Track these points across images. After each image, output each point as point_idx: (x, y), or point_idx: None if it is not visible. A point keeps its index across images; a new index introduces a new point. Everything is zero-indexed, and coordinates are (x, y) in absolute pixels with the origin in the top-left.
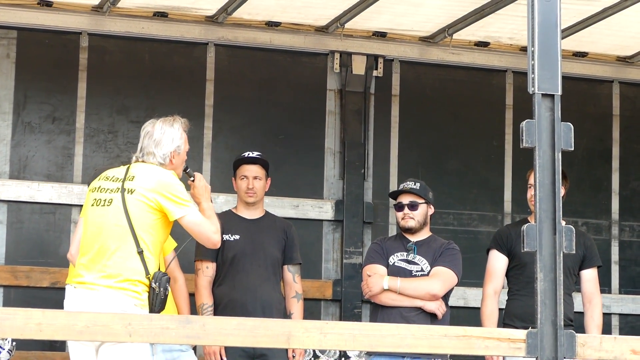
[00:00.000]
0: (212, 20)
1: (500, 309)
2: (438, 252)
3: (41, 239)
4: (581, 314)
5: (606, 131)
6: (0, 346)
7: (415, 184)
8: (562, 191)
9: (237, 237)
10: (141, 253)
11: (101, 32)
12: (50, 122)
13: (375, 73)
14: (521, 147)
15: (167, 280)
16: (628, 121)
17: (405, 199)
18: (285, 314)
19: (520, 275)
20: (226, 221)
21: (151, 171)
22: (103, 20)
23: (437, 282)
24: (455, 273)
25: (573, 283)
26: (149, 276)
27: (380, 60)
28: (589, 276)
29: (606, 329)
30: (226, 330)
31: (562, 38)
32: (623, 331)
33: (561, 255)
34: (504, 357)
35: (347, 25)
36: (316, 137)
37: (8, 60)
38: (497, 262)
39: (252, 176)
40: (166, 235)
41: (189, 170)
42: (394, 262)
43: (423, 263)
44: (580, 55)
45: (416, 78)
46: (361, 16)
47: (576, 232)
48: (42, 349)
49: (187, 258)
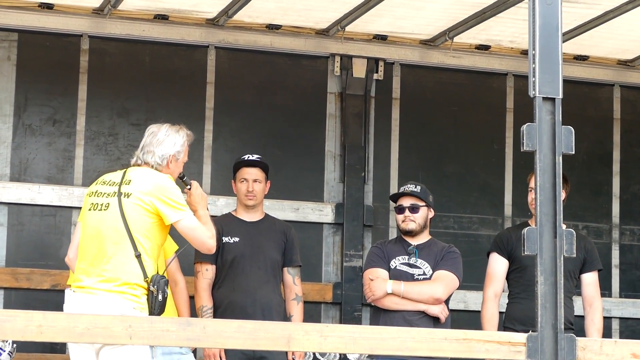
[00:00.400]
0: (213, 23)
1: (500, 313)
2: (439, 256)
3: (42, 242)
4: (582, 318)
5: (607, 135)
6: (0, 348)
7: (416, 187)
8: (563, 195)
9: (237, 240)
10: (139, 257)
11: (102, 35)
12: (50, 125)
13: (375, 76)
14: (522, 151)
15: (166, 283)
16: (629, 125)
17: (406, 202)
18: (285, 317)
19: (520, 278)
20: (226, 224)
21: (148, 175)
22: (104, 22)
23: (440, 286)
24: (457, 277)
25: (573, 286)
26: (147, 279)
27: (380, 63)
28: (590, 280)
29: (606, 333)
30: (226, 332)
31: (563, 41)
32: (623, 335)
33: (562, 258)
34: None
35: (348, 28)
36: (316, 140)
37: (9, 62)
38: (498, 266)
39: (252, 179)
40: (164, 238)
41: (186, 178)
42: (396, 266)
43: (425, 267)
44: (581, 58)
45: (417, 81)
46: (362, 19)
47: (577, 236)
48: (43, 352)
49: (188, 261)
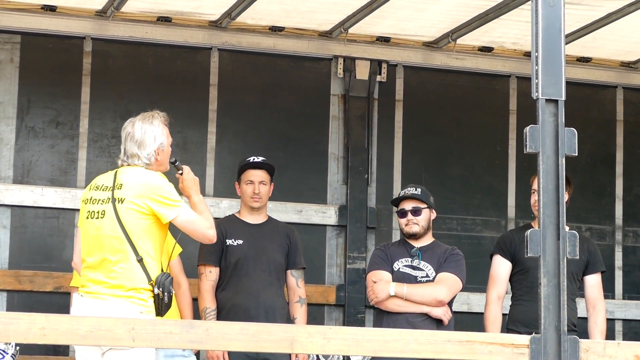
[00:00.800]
0: (216, 25)
1: (503, 314)
2: (442, 258)
3: (45, 244)
4: (585, 320)
5: (610, 137)
6: (4, 351)
7: (416, 190)
8: (566, 196)
9: (241, 242)
10: (141, 261)
11: (105, 37)
12: (53, 127)
13: (378, 78)
14: (525, 153)
15: (171, 282)
16: (632, 126)
17: (407, 205)
18: (288, 319)
19: (523, 280)
20: (229, 226)
21: (138, 176)
22: (107, 25)
23: (443, 288)
24: (460, 279)
25: (577, 288)
26: (152, 282)
27: (383, 65)
28: (593, 281)
29: (610, 335)
30: (229, 335)
31: (566, 43)
32: (627, 337)
33: (565, 260)
34: None
35: (351, 30)
36: (320, 142)
37: (12, 64)
38: (501, 267)
39: (258, 181)
40: (164, 235)
41: (177, 163)
42: (399, 268)
43: (428, 269)
44: (584, 60)
45: (420, 83)
46: (365, 21)
47: (580, 238)
48: (46, 354)
49: (191, 263)
